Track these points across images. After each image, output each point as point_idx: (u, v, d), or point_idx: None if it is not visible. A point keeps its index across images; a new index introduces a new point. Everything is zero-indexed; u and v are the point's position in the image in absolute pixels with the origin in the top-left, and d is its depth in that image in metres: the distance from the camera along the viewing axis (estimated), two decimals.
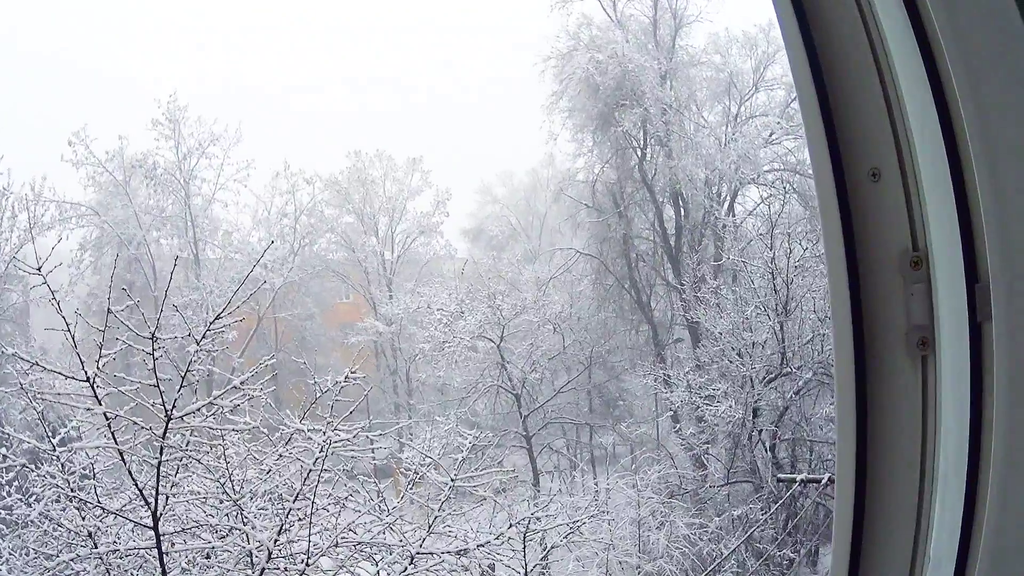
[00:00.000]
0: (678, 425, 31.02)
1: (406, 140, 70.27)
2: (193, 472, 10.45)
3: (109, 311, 8.73)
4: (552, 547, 13.48)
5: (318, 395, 10.87)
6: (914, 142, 1.81)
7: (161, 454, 8.99)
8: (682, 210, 36.77)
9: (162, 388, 8.79)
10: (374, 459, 12.29)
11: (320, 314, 46.31)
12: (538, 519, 13.07)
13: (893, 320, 1.82)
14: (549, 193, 48.73)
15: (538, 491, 28.18)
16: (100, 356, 8.84)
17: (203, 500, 10.59)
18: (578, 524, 13.58)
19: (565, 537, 13.37)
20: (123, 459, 9.31)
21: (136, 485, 9.37)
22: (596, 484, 29.55)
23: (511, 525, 12.15)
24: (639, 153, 36.16)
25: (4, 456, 11.72)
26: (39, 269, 9.00)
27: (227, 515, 10.35)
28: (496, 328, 33.22)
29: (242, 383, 9.40)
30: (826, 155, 1.81)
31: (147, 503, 9.34)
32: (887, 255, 1.81)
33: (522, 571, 12.23)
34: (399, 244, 46.91)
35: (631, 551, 22.99)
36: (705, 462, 28.60)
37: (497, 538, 11.53)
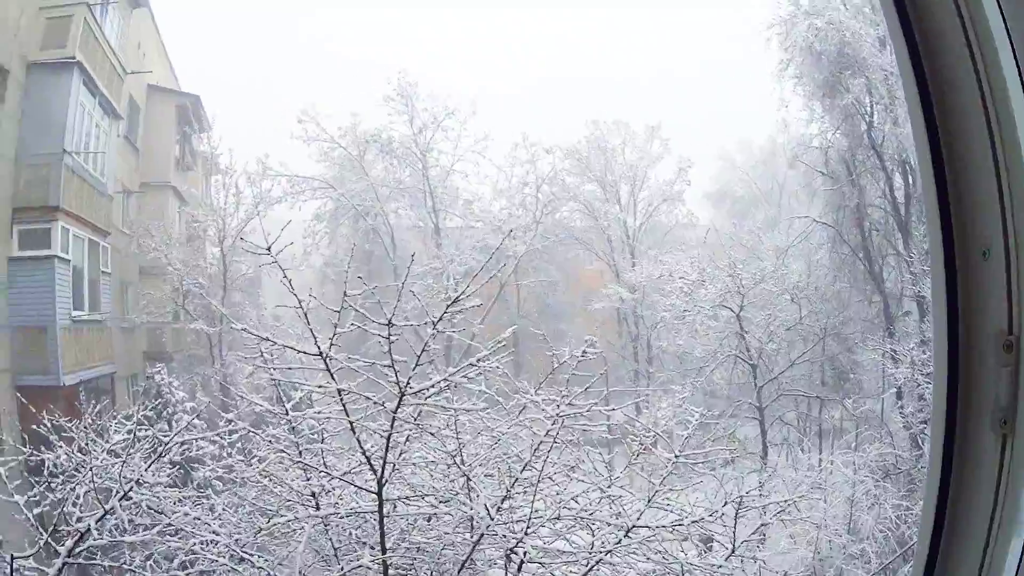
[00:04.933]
0: (900, 402, 30.10)
1: (640, 109, 70.12)
2: (422, 441, 10.66)
3: (345, 295, 8.82)
4: (763, 524, 13.43)
5: (556, 365, 10.89)
6: (1020, 226, 1.93)
7: (392, 426, 9.14)
8: (911, 178, 35.50)
9: (397, 367, 8.87)
10: (609, 428, 12.37)
11: (564, 281, 46.31)
12: (753, 496, 13.03)
13: (983, 398, 1.96)
14: (785, 160, 47.76)
15: (765, 464, 27.90)
16: (335, 334, 8.98)
17: (431, 467, 10.91)
18: (790, 503, 13.48)
19: (775, 515, 13.30)
20: (353, 430, 9.46)
21: (364, 453, 9.55)
22: (820, 460, 28.92)
23: (726, 503, 12.13)
24: (867, 120, 35.01)
25: (230, 420, 12.49)
26: (268, 249, 9.07)
27: (452, 481, 10.50)
28: (736, 297, 32.42)
29: (479, 360, 9.44)
30: (939, 235, 1.97)
31: (373, 469, 9.49)
32: (986, 335, 1.95)
33: (731, 547, 12.25)
34: (641, 212, 46.12)
35: (841, 531, 22.62)
36: (920, 442, 27.74)
37: (711, 515, 11.56)
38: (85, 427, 12.71)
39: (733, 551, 11.91)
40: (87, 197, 24.96)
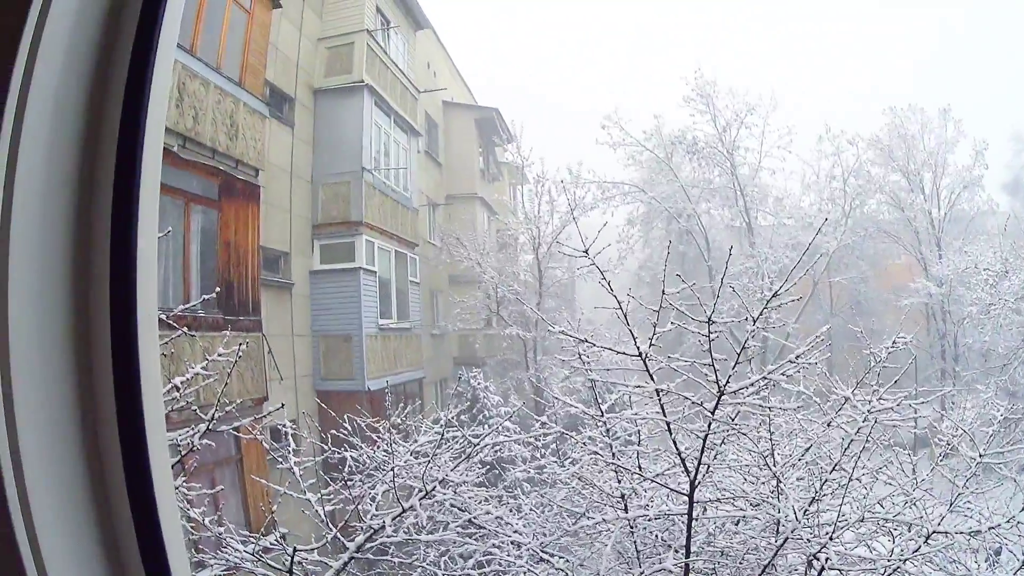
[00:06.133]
0: None
1: (926, 89, 68.52)
2: (736, 443, 10.60)
3: (663, 293, 8.77)
4: None
5: (872, 364, 10.60)
6: None
7: (709, 427, 9.06)
8: None
9: (716, 367, 8.78)
10: (914, 429, 11.97)
11: (874, 276, 45.79)
12: None
13: None
14: None
15: None
16: (654, 334, 9.04)
17: (743, 469, 10.79)
18: None
19: None
20: (669, 430, 9.45)
21: (679, 455, 9.54)
22: None
23: (1022, 509, 11.58)
24: None
25: (543, 423, 12.56)
26: (586, 251, 9.08)
27: (763, 484, 10.34)
28: None
29: (797, 357, 9.22)
30: None
31: (687, 471, 9.50)
32: None
33: (1022, 557, 11.61)
34: (944, 200, 44.30)
35: None
36: None
37: (1008, 521, 10.94)
38: (392, 428, 13.01)
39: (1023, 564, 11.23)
40: (390, 211, 26.13)
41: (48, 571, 1.68)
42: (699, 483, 9.55)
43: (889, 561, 10.01)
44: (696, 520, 10.05)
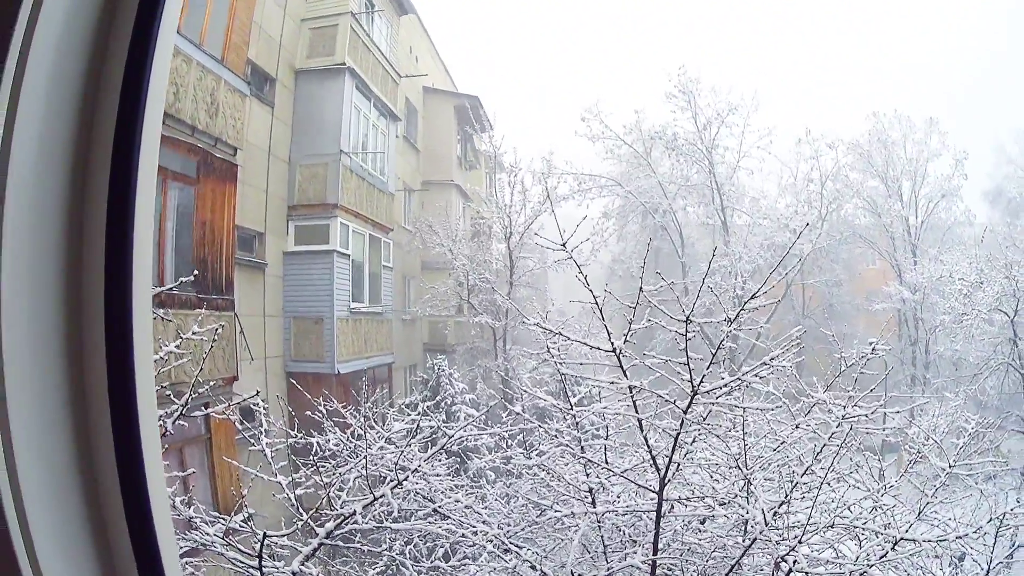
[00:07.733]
0: None
1: (912, 96, 68.79)
2: (707, 442, 10.47)
3: (641, 290, 8.73)
4: (1018, 546, 12.74)
5: (843, 368, 10.68)
6: None
7: (681, 426, 8.98)
8: None
9: (691, 366, 8.68)
10: (885, 436, 12.13)
11: (847, 280, 45.98)
12: (1016, 515, 12.43)
13: None
14: None
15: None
16: (629, 330, 8.96)
17: (713, 467, 10.77)
18: None
19: None
20: (640, 427, 9.41)
21: (650, 452, 9.46)
22: None
23: (990, 520, 11.62)
24: None
25: (517, 413, 12.53)
26: (563, 245, 9.01)
27: (732, 483, 10.29)
28: (1011, 300, 30.82)
29: (772, 359, 9.12)
30: None
31: (657, 468, 9.44)
32: None
33: (986, 566, 11.75)
34: (922, 209, 44.63)
35: None
36: None
37: (975, 532, 11.03)
38: (364, 415, 12.95)
39: (988, 572, 11.33)
40: (366, 194, 26.01)
41: (40, 564, 1.67)
42: (669, 480, 9.50)
43: (855, 565, 10.04)
44: (663, 517, 10.00)
